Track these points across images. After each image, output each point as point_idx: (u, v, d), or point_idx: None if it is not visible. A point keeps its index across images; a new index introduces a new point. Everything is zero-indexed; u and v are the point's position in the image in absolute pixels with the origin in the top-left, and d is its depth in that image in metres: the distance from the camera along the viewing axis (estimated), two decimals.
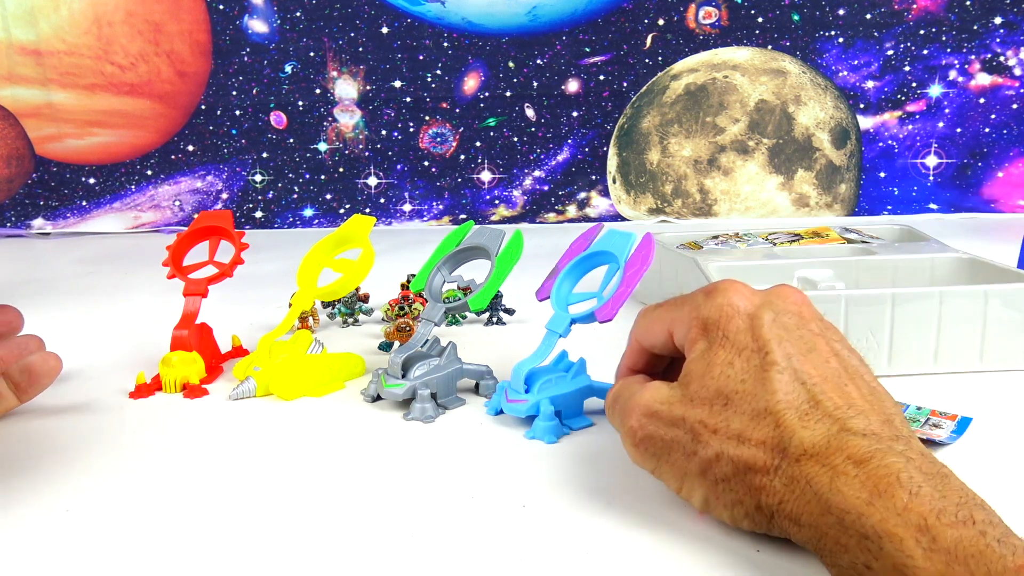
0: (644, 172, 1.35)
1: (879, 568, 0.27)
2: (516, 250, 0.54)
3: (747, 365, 0.34)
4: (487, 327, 0.71)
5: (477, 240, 0.56)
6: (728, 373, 0.34)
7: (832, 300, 0.54)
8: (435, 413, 0.50)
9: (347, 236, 0.61)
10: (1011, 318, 0.55)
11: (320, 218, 1.36)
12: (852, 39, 1.29)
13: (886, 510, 0.28)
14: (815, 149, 1.32)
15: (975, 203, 1.32)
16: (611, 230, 0.51)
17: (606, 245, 0.50)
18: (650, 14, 1.30)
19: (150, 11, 1.28)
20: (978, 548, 0.26)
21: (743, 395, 0.33)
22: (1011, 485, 0.41)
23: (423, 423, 0.49)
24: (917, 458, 0.30)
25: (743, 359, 0.34)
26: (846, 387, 0.33)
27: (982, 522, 0.27)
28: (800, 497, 0.31)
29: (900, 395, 0.51)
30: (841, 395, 0.33)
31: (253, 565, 0.35)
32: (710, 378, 0.34)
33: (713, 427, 0.34)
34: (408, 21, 1.30)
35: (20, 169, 1.32)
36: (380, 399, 0.53)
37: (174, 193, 1.34)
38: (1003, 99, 1.29)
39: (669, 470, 0.36)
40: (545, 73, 1.32)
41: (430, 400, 0.50)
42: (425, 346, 0.53)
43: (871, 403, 0.33)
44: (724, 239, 0.76)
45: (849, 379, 0.34)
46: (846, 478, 0.29)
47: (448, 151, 1.35)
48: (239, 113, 1.32)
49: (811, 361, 0.34)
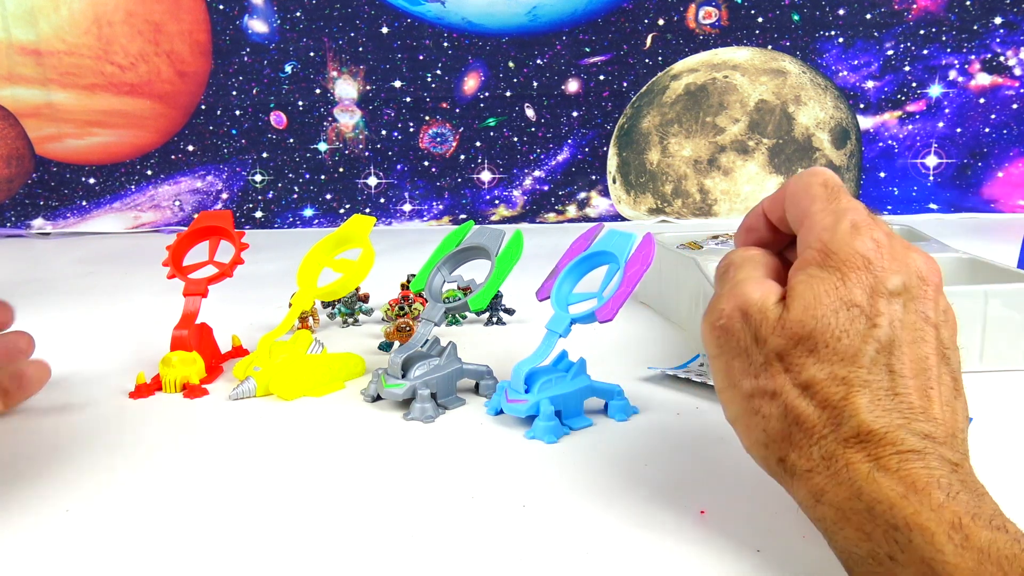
0: (644, 172, 1.35)
1: (904, 560, 0.27)
2: (516, 250, 0.54)
3: (850, 325, 0.31)
4: (487, 327, 0.71)
5: (477, 240, 0.56)
6: (830, 320, 0.32)
7: None
8: (435, 413, 0.50)
9: (347, 236, 0.61)
10: (1011, 318, 0.55)
11: (320, 218, 1.36)
12: (852, 39, 1.29)
13: (920, 504, 0.27)
14: (815, 149, 1.32)
15: (975, 203, 1.32)
16: (611, 230, 0.51)
17: (606, 245, 0.50)
18: (650, 14, 1.30)
19: (150, 11, 1.28)
20: (1013, 552, 0.25)
21: (831, 352, 0.31)
22: (1011, 485, 0.41)
23: (423, 423, 0.49)
24: (962, 472, 0.29)
25: (851, 316, 0.32)
26: (931, 391, 0.32)
27: (1016, 532, 0.26)
28: (834, 476, 0.30)
29: None
30: (921, 397, 0.31)
31: (254, 564, 0.35)
32: (811, 317, 0.32)
33: (787, 364, 0.32)
34: (408, 21, 1.30)
35: (20, 169, 1.32)
36: (380, 399, 0.53)
37: (174, 193, 1.34)
38: (1003, 99, 1.29)
39: (724, 369, 0.34)
40: (545, 73, 1.32)
41: (430, 400, 0.50)
42: (425, 346, 0.53)
43: (945, 415, 0.31)
44: (724, 239, 0.76)
45: (938, 383, 0.32)
46: (886, 472, 0.28)
47: (448, 151, 1.35)
48: (239, 113, 1.32)
49: (911, 352, 0.32)
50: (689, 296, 0.65)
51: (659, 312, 0.74)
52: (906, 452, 0.29)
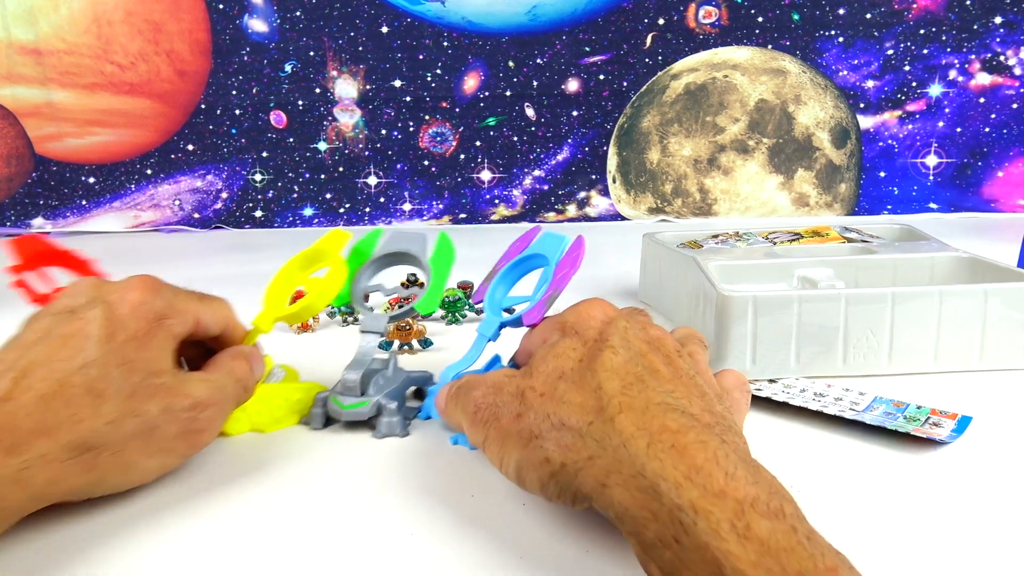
0: (644, 171, 1.34)
1: (688, 544, 0.27)
2: (447, 252, 0.53)
3: (587, 351, 0.36)
4: None
5: (398, 246, 0.53)
6: (569, 355, 0.36)
7: (832, 299, 0.54)
8: (405, 425, 0.48)
9: (319, 253, 0.54)
10: (1011, 317, 0.55)
11: (320, 217, 1.36)
12: (852, 39, 1.29)
13: (704, 488, 0.27)
14: (815, 149, 1.32)
15: (975, 203, 1.32)
16: (547, 232, 0.50)
17: (540, 248, 0.49)
18: (650, 13, 1.30)
19: (150, 10, 1.28)
20: (790, 544, 0.26)
21: (577, 370, 0.35)
22: (1011, 485, 0.41)
23: (399, 437, 0.47)
24: (732, 441, 0.30)
25: (587, 348, 0.36)
26: (681, 379, 0.35)
27: (791, 516, 0.27)
28: (612, 455, 0.30)
29: (900, 394, 0.51)
30: (670, 382, 0.34)
31: (255, 563, 0.35)
32: (552, 357, 0.36)
33: (541, 391, 0.35)
34: (408, 20, 1.30)
35: (20, 168, 1.32)
36: (332, 423, 0.49)
37: (174, 192, 1.34)
38: (1003, 99, 1.29)
39: (495, 435, 0.36)
40: (545, 72, 1.32)
41: (398, 413, 0.48)
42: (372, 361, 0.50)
43: (696, 394, 0.34)
44: (724, 238, 0.76)
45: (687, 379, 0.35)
46: (662, 446, 0.29)
47: (448, 150, 1.35)
48: (239, 112, 1.32)
49: (649, 358, 0.35)
50: (689, 296, 0.65)
51: (659, 312, 0.74)
52: (675, 427, 0.30)
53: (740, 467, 0.28)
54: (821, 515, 0.37)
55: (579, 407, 0.33)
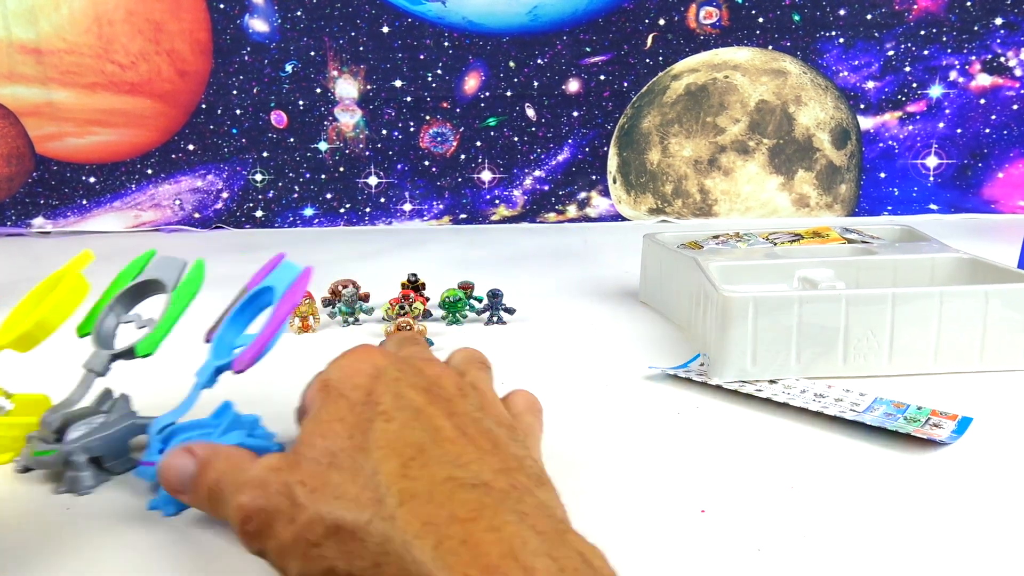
0: (644, 172, 1.35)
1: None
2: (196, 282, 0.47)
3: (357, 419, 0.31)
4: (488, 326, 0.71)
5: (153, 273, 0.48)
6: (337, 429, 0.30)
7: (832, 300, 0.54)
8: (95, 482, 0.41)
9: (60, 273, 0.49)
10: (1011, 318, 0.55)
11: (320, 217, 1.36)
12: (852, 39, 1.29)
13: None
14: (815, 149, 1.32)
15: (975, 204, 1.32)
16: (285, 262, 0.44)
17: (273, 280, 0.43)
18: (651, 14, 1.30)
19: (150, 10, 1.28)
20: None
21: (348, 450, 0.30)
22: (1011, 485, 0.41)
23: (78, 495, 0.40)
24: (532, 513, 0.27)
25: (355, 414, 0.31)
26: (467, 434, 0.30)
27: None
28: (398, 562, 0.26)
29: (900, 395, 0.51)
30: (455, 444, 0.30)
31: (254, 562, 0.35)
32: (319, 437, 0.30)
33: (312, 486, 0.29)
34: (409, 21, 1.30)
35: (20, 168, 1.32)
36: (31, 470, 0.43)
37: (174, 192, 1.34)
38: (1003, 100, 1.29)
39: (273, 547, 0.29)
40: (546, 73, 1.32)
41: (88, 468, 0.41)
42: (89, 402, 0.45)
43: (487, 447, 0.30)
44: (724, 239, 0.76)
45: (473, 429, 0.31)
46: (452, 543, 0.25)
47: (448, 151, 1.35)
48: (239, 112, 1.32)
49: (428, 413, 0.31)
50: (689, 296, 0.65)
51: (659, 312, 0.74)
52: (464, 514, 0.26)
53: (540, 553, 0.25)
54: (821, 515, 0.37)
55: (354, 502, 0.28)
